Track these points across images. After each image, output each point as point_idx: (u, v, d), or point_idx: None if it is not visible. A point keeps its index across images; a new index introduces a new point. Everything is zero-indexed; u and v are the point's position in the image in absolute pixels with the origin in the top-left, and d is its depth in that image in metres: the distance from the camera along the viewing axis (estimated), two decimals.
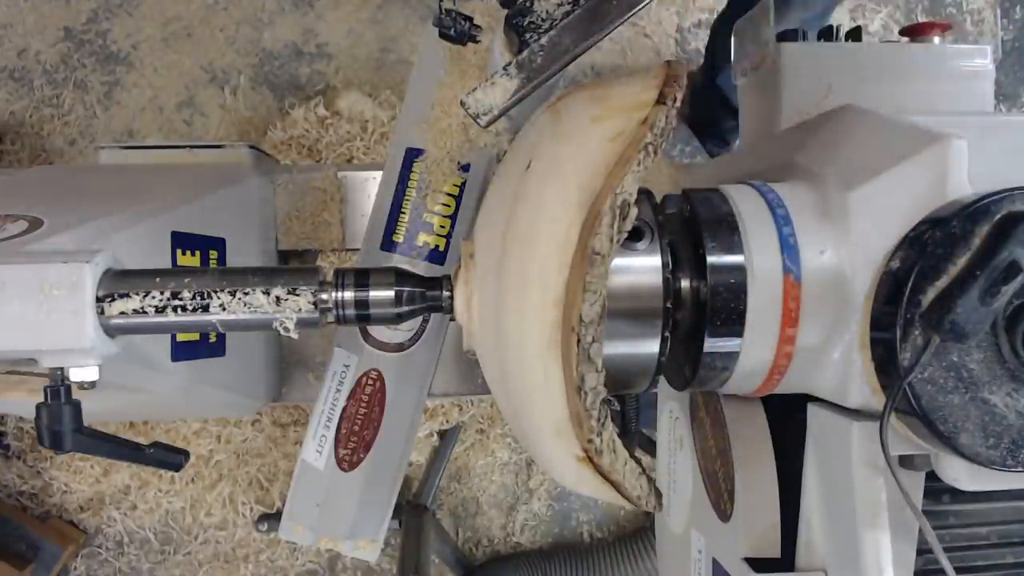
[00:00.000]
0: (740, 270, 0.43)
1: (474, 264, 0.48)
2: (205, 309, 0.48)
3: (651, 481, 0.46)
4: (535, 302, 0.42)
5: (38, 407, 0.49)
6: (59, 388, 0.49)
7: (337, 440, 0.81)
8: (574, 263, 0.40)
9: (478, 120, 0.50)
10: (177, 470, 0.57)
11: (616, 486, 0.45)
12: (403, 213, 0.80)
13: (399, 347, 0.81)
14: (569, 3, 0.49)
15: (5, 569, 1.21)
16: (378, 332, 0.81)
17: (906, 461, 0.45)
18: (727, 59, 1.15)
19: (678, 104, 0.42)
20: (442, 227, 0.80)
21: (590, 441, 0.42)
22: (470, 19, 0.64)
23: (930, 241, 0.39)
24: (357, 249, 0.91)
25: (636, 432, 0.54)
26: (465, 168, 0.79)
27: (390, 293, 0.50)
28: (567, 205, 0.41)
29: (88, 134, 1.41)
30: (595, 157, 0.42)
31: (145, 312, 0.47)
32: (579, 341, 0.40)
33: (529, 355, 0.42)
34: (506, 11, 0.52)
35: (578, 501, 1.40)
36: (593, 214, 0.40)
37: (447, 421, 1.35)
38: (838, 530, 0.48)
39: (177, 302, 0.47)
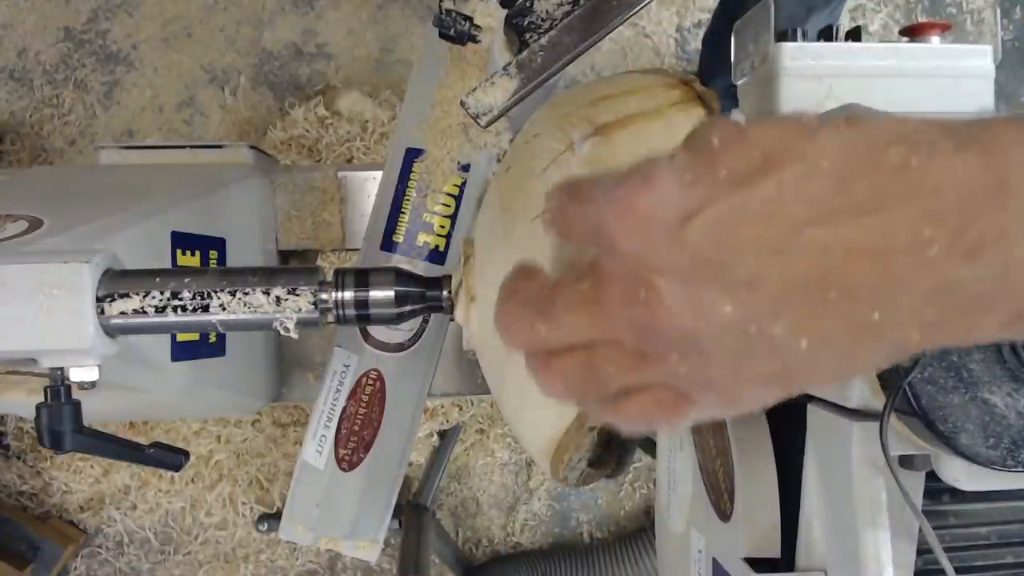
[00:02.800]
0: None
1: (473, 267, 0.48)
2: (205, 309, 0.48)
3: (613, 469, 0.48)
4: (528, 436, 0.45)
5: (38, 407, 0.49)
6: (59, 388, 0.49)
7: (337, 440, 0.81)
8: (569, 429, 0.42)
9: (478, 120, 0.50)
10: (177, 470, 0.57)
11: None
12: (403, 213, 0.80)
13: (399, 347, 0.81)
14: (569, 3, 0.49)
15: (5, 569, 1.21)
16: (378, 332, 0.81)
17: (906, 461, 0.45)
18: (715, 72, 1.15)
19: None
20: (442, 227, 0.80)
21: (564, 478, 0.45)
22: (470, 19, 0.64)
23: None
24: (357, 249, 0.91)
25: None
26: (465, 168, 0.79)
27: (390, 293, 0.50)
28: None
29: (88, 134, 1.40)
30: None
31: (145, 312, 0.47)
32: (566, 463, 0.44)
33: (522, 441, 0.47)
34: (506, 11, 0.52)
35: (578, 501, 1.40)
36: None
37: (447, 421, 1.35)
38: (838, 530, 0.48)
39: (177, 302, 0.47)
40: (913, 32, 0.52)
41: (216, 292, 0.48)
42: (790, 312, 0.24)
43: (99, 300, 0.47)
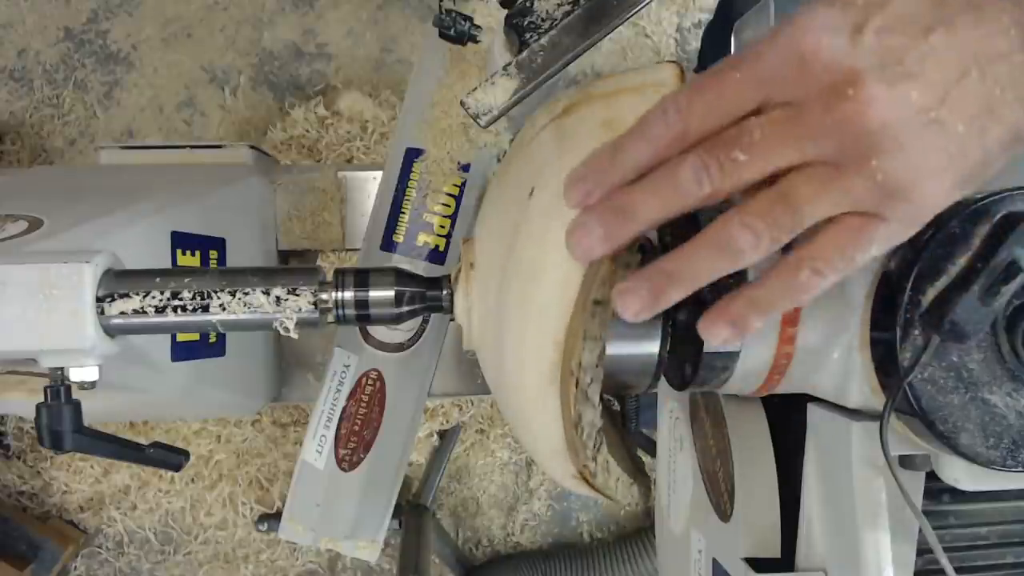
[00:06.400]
0: (741, 270, 0.43)
1: (473, 270, 0.48)
2: (205, 309, 0.47)
3: (646, 488, 0.46)
4: (534, 341, 0.41)
5: (38, 407, 0.49)
6: (59, 388, 0.49)
7: (337, 440, 0.81)
8: (575, 310, 0.39)
9: (478, 120, 0.50)
10: (177, 470, 0.57)
11: (609, 498, 0.46)
12: (403, 213, 0.80)
13: (399, 347, 0.81)
14: (569, 3, 0.49)
15: (5, 569, 1.21)
16: (378, 332, 0.81)
17: (906, 461, 0.45)
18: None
19: None
20: (442, 227, 0.80)
21: (585, 466, 0.43)
22: (470, 19, 0.64)
23: (930, 241, 0.39)
24: (357, 249, 0.91)
25: (636, 432, 0.54)
26: (465, 168, 0.79)
27: (390, 293, 0.50)
28: None
29: (88, 134, 1.40)
30: None
31: (145, 312, 0.47)
32: (577, 383, 0.40)
33: (527, 388, 0.42)
34: (506, 11, 0.52)
35: (578, 501, 1.40)
36: (597, 264, 0.39)
37: (447, 421, 1.35)
38: (838, 530, 0.48)
39: (177, 302, 0.47)
40: None
41: (216, 292, 0.48)
42: (950, 97, 0.31)
43: (99, 300, 0.47)
